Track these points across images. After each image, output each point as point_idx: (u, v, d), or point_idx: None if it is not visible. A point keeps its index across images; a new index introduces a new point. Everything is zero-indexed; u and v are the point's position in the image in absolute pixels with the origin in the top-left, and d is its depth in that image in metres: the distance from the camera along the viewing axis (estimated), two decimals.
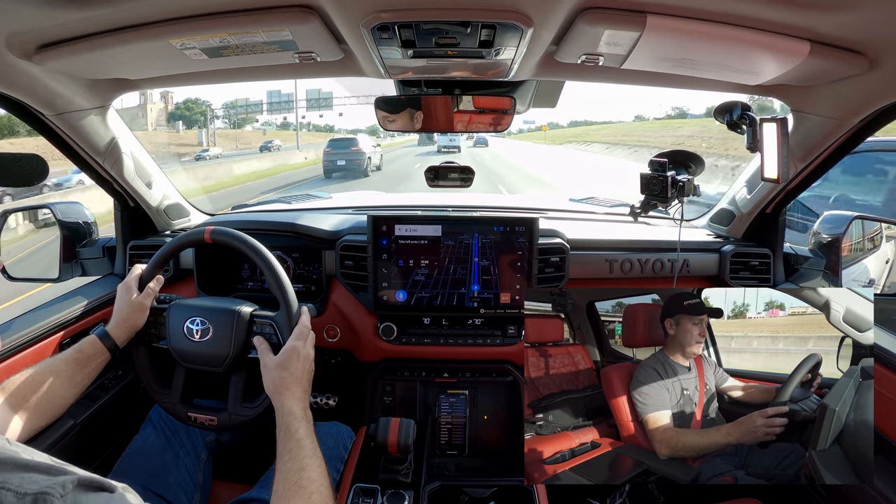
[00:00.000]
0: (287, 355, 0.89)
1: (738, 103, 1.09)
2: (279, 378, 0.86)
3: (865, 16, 0.69)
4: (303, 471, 0.74)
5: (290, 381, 0.86)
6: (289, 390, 0.85)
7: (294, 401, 0.83)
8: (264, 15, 0.77)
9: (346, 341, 1.35)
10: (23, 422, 0.80)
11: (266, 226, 1.40)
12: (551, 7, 0.74)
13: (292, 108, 42.63)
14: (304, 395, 0.87)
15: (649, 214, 1.46)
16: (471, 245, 1.27)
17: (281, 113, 53.83)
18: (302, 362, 0.89)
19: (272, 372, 0.87)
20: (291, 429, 0.79)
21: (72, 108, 1.06)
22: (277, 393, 0.85)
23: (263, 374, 0.89)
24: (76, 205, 1.43)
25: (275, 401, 0.85)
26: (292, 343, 0.90)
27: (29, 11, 0.72)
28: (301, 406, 0.83)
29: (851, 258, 1.36)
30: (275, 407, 0.85)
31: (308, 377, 0.90)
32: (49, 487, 0.40)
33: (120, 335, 0.95)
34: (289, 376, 0.86)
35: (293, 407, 0.82)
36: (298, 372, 0.88)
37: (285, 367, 0.87)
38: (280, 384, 0.85)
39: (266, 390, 0.88)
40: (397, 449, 1.05)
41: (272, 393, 0.86)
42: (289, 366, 0.88)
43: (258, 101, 56.19)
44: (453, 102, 1.19)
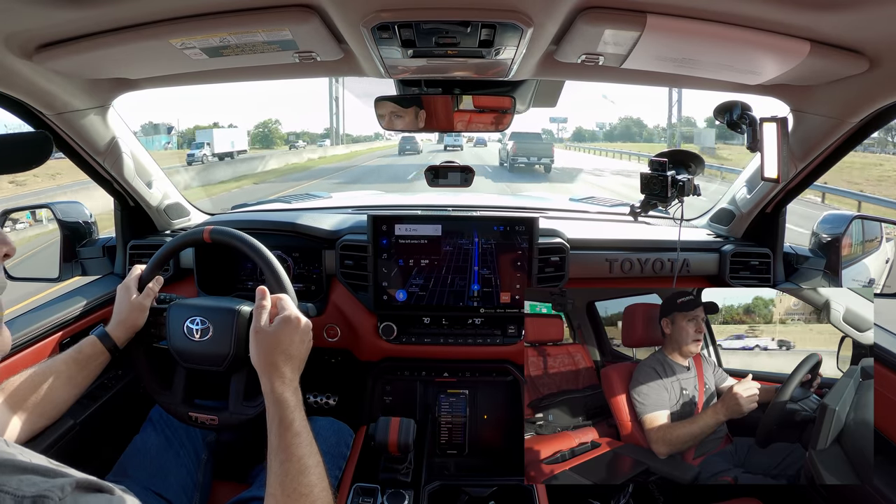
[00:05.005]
0: (284, 323, 0.80)
1: (738, 103, 1.09)
2: (270, 347, 0.78)
3: (865, 16, 0.68)
4: (302, 475, 0.69)
5: (282, 354, 0.78)
6: (279, 368, 0.77)
7: (284, 383, 0.76)
8: (264, 15, 0.77)
9: (346, 341, 1.35)
10: (22, 422, 0.80)
11: (266, 225, 1.40)
12: (551, 7, 0.74)
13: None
14: (295, 375, 0.79)
15: (649, 214, 1.46)
16: (471, 245, 1.27)
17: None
18: (301, 335, 0.81)
19: (266, 338, 0.79)
20: (286, 421, 0.73)
21: (72, 107, 1.06)
22: (266, 366, 0.77)
23: (252, 341, 0.80)
24: (76, 204, 1.43)
25: (262, 378, 0.77)
26: (293, 312, 0.82)
27: (29, 11, 0.72)
28: (292, 390, 0.76)
29: (851, 258, 1.36)
30: (262, 387, 0.77)
31: (303, 355, 0.81)
32: (47, 490, 0.39)
33: (120, 336, 0.95)
34: (281, 350, 0.78)
35: (283, 392, 0.75)
36: (295, 345, 0.80)
37: (280, 335, 0.79)
38: (270, 354, 0.77)
39: (252, 361, 0.80)
40: (397, 448, 1.06)
41: (260, 365, 0.78)
42: (284, 336, 0.79)
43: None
44: (453, 102, 1.19)
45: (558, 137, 63.21)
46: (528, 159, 17.47)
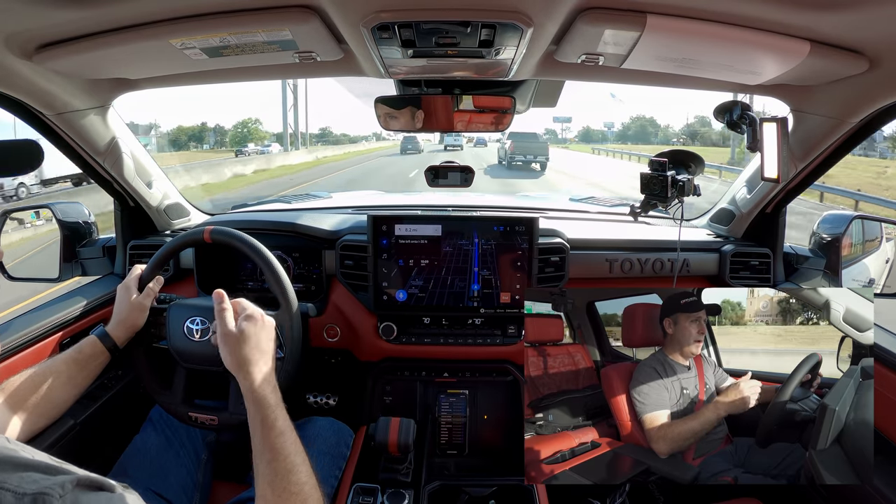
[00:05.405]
0: (250, 322, 0.82)
1: (738, 103, 1.09)
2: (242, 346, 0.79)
3: (865, 16, 0.68)
4: (291, 473, 0.69)
5: (255, 351, 0.79)
6: (255, 366, 0.78)
7: (263, 382, 0.77)
8: (264, 15, 0.77)
9: (346, 341, 1.35)
10: (22, 422, 0.80)
11: (266, 225, 1.40)
12: (551, 7, 0.74)
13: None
14: (271, 373, 0.80)
15: (649, 214, 1.46)
16: (471, 245, 1.27)
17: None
18: (267, 331, 0.83)
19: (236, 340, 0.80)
20: (268, 420, 0.73)
21: (72, 107, 1.06)
22: (241, 366, 0.78)
23: (223, 346, 0.81)
24: (76, 204, 1.43)
25: (241, 380, 0.78)
26: (256, 311, 0.84)
27: (29, 11, 0.72)
28: (271, 388, 0.77)
29: (851, 258, 1.36)
30: (241, 389, 0.78)
31: (272, 352, 0.83)
32: (48, 488, 0.39)
33: (120, 335, 0.95)
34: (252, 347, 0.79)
35: (263, 390, 0.76)
36: (264, 341, 0.81)
37: (248, 334, 0.80)
38: (243, 354, 0.79)
39: (227, 365, 0.81)
40: (397, 448, 1.06)
41: (235, 367, 0.79)
42: (253, 334, 0.81)
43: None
44: (453, 102, 1.19)
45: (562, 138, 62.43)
46: (524, 157, 18.35)
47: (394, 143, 37.53)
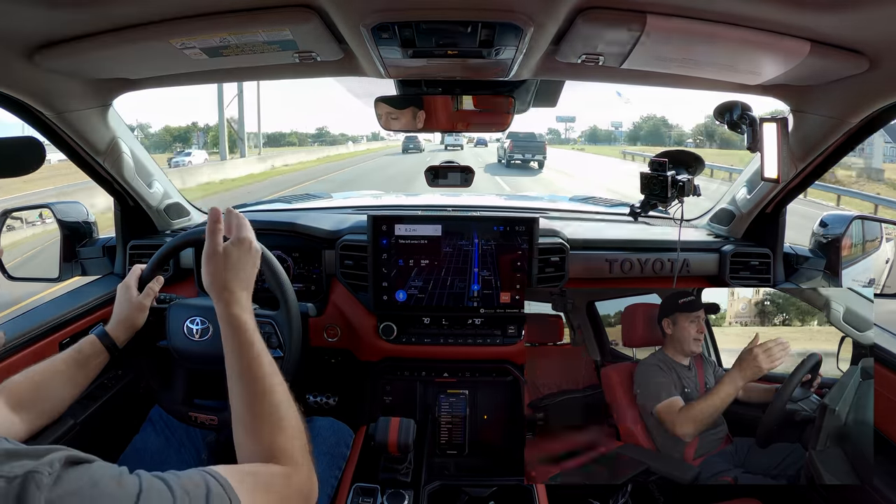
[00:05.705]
0: (238, 245, 0.78)
1: (738, 103, 1.09)
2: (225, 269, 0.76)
3: (865, 16, 0.68)
4: (270, 394, 0.67)
5: (235, 277, 0.76)
6: (235, 291, 0.75)
7: (241, 306, 0.74)
8: (264, 15, 0.77)
9: (346, 341, 1.35)
10: (22, 422, 0.80)
11: (266, 225, 1.40)
12: (551, 7, 0.74)
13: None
14: (249, 300, 0.77)
15: (649, 214, 1.46)
16: (471, 245, 1.27)
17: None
18: (252, 258, 0.80)
19: (220, 261, 0.76)
20: (245, 343, 0.70)
21: (72, 107, 1.06)
22: (221, 289, 0.75)
23: (205, 265, 0.77)
24: (76, 204, 1.43)
25: (218, 302, 0.75)
26: (246, 235, 0.80)
27: (29, 11, 0.72)
28: (248, 313, 0.74)
29: (851, 258, 1.36)
30: (217, 312, 0.74)
31: (252, 280, 0.80)
32: (37, 467, 0.40)
33: (119, 335, 0.95)
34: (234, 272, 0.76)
35: (241, 314, 0.73)
36: (247, 269, 0.78)
37: (232, 257, 0.77)
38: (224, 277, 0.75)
39: (205, 286, 0.77)
40: (397, 448, 1.05)
41: (214, 289, 0.75)
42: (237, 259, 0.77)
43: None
44: (453, 102, 1.19)
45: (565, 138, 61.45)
46: (523, 156, 18.89)
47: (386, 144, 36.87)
